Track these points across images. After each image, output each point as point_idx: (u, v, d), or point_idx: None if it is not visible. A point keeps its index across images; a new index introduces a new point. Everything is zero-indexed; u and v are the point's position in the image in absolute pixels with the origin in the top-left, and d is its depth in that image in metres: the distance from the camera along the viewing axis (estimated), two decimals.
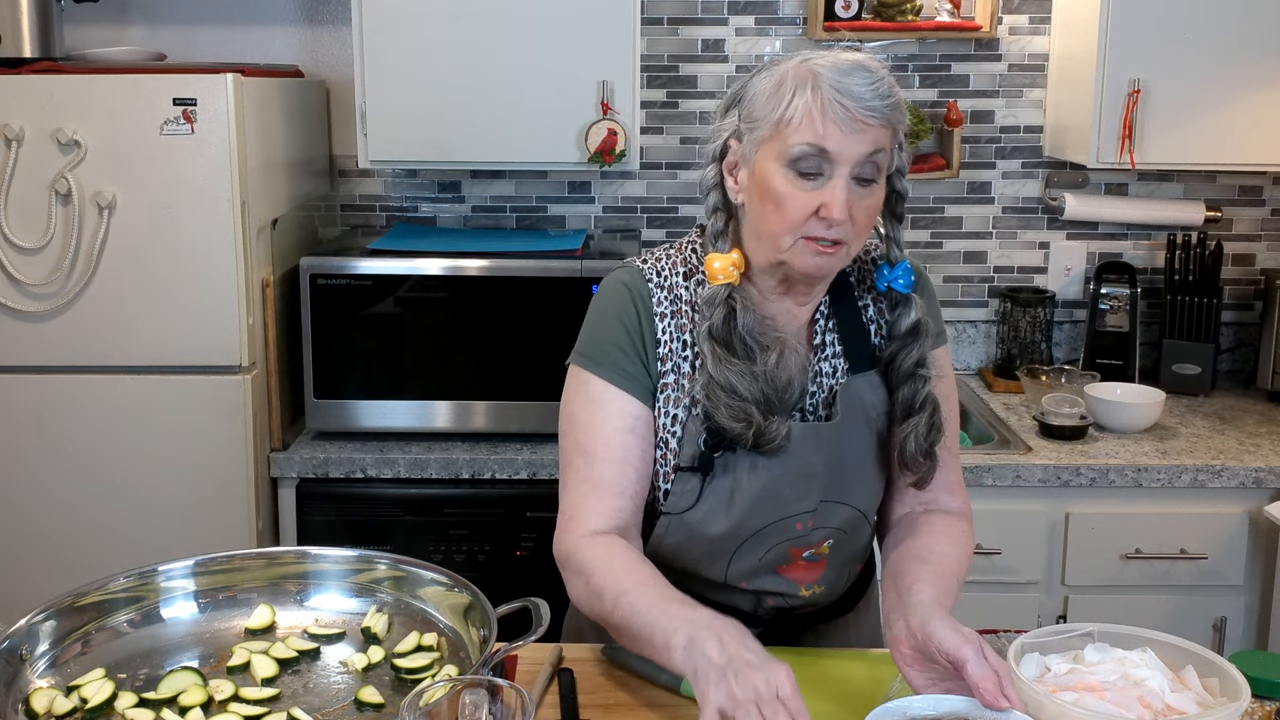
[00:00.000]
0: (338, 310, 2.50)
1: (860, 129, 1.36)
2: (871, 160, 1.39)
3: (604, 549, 1.42)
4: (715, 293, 1.46)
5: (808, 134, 1.36)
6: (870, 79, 1.36)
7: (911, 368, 1.50)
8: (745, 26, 2.98)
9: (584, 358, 1.52)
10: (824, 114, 1.35)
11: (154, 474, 2.43)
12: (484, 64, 2.59)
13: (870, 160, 1.39)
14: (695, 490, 1.49)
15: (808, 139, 1.36)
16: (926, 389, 1.50)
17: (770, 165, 1.40)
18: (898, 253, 1.53)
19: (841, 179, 1.37)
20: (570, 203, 3.06)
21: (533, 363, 2.51)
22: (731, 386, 1.43)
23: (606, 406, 1.49)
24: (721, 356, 1.43)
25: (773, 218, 1.41)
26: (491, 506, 2.49)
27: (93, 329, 2.39)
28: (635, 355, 1.50)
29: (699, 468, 1.49)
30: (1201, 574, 2.46)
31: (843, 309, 1.56)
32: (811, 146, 1.36)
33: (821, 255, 1.41)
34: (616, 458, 1.47)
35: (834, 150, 1.36)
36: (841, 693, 1.42)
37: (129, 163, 2.33)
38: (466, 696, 1.12)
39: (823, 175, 1.38)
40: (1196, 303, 2.90)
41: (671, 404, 1.50)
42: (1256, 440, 2.58)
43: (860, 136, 1.36)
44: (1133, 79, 2.60)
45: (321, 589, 1.52)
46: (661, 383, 1.50)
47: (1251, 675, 1.25)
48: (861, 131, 1.36)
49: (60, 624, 1.38)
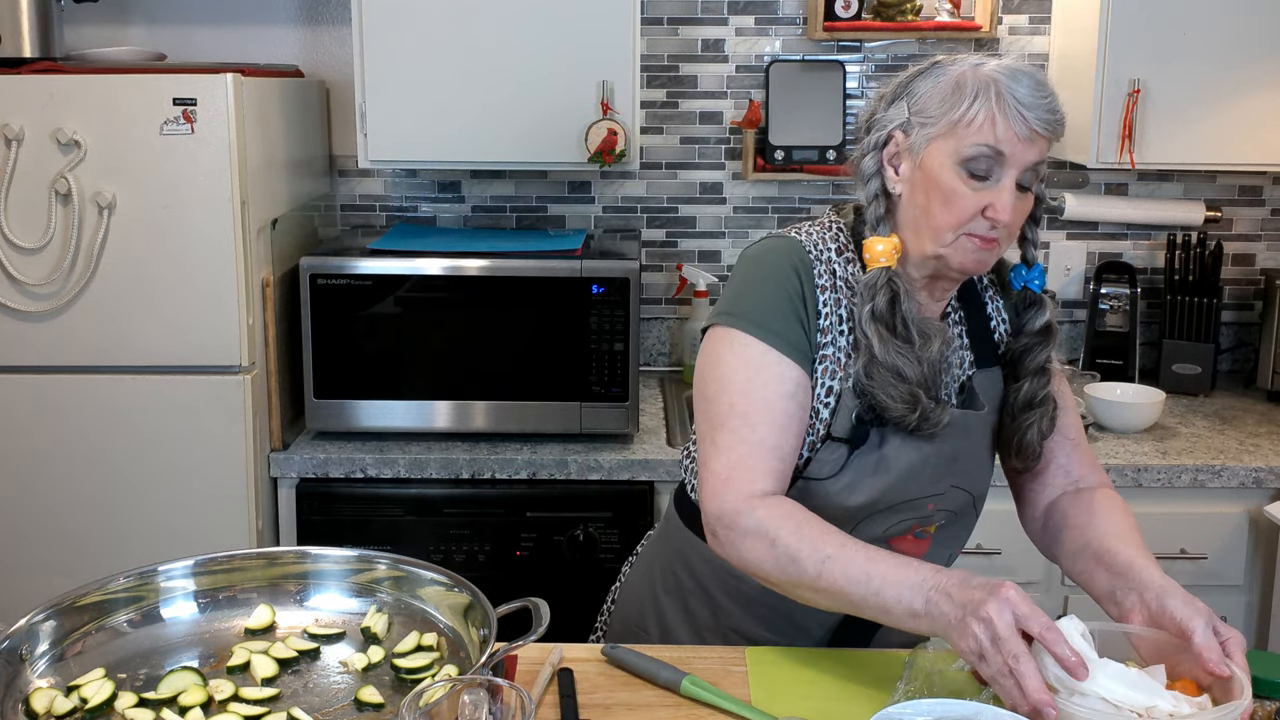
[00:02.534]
0: (338, 310, 2.50)
1: (1034, 138, 1.43)
2: (1034, 168, 1.46)
3: (783, 511, 1.40)
4: (876, 276, 1.49)
5: (987, 136, 1.42)
6: (1045, 93, 1.44)
7: (1040, 365, 1.58)
8: (745, 26, 2.98)
9: (743, 320, 1.49)
10: (1005, 121, 1.41)
11: (154, 474, 2.44)
12: (484, 64, 2.59)
13: (1034, 168, 1.45)
14: (841, 460, 1.50)
15: (986, 140, 1.42)
16: (1049, 386, 1.58)
17: (942, 161, 1.45)
18: (1034, 254, 1.60)
19: (1010, 182, 1.43)
20: (570, 203, 3.06)
21: (533, 363, 2.51)
22: (897, 370, 1.46)
23: (768, 370, 1.47)
24: (887, 339, 1.47)
25: (940, 212, 1.46)
26: (491, 506, 2.49)
27: (93, 329, 2.39)
28: (798, 323, 1.50)
29: (850, 439, 1.50)
30: (1201, 574, 2.46)
31: (970, 306, 1.63)
32: (989, 149, 1.42)
33: (980, 252, 1.47)
34: (778, 423, 1.46)
35: (1009, 154, 1.42)
36: (845, 694, 1.42)
37: (129, 163, 2.33)
38: (466, 696, 1.12)
39: (990, 178, 1.44)
40: (1196, 303, 2.90)
41: (828, 376, 1.51)
42: (1256, 440, 2.58)
43: (1032, 145, 1.43)
44: (1133, 79, 2.60)
45: (321, 589, 1.52)
46: (821, 354, 1.51)
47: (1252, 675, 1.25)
48: (1034, 141, 1.43)
49: (60, 624, 1.38)
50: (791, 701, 1.39)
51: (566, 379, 2.52)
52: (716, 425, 1.47)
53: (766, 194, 3.05)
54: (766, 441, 1.45)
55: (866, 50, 3.00)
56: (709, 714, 1.37)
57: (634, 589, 1.78)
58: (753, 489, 1.43)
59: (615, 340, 2.50)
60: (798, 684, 1.44)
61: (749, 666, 1.48)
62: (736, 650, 1.52)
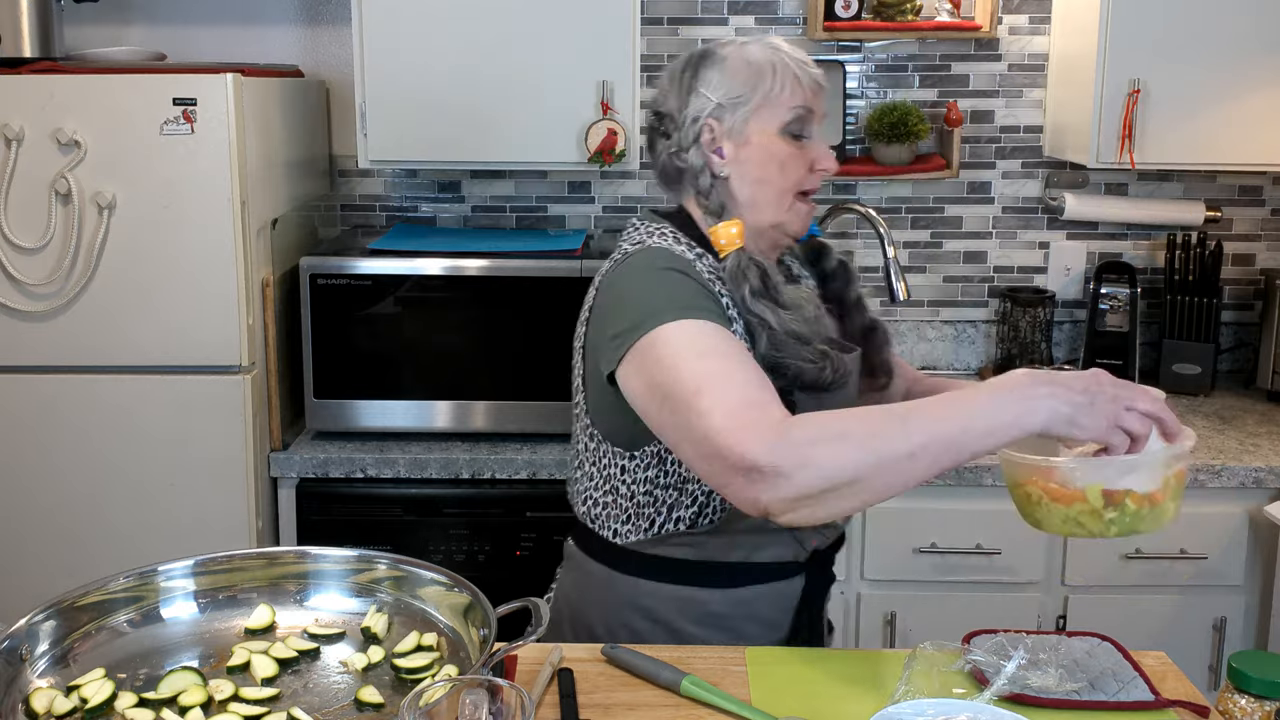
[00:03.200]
0: (338, 310, 2.50)
1: (820, 91, 1.58)
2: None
3: (822, 414, 1.30)
4: (739, 259, 1.52)
5: (799, 99, 1.54)
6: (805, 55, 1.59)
7: (857, 297, 1.71)
8: (745, 26, 2.98)
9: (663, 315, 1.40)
10: (802, 84, 1.55)
11: (154, 474, 2.44)
12: (484, 64, 2.59)
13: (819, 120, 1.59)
14: None
15: (800, 102, 1.54)
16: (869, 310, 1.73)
17: (767, 130, 1.55)
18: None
19: (819, 136, 1.58)
20: (570, 203, 3.06)
21: (533, 363, 2.51)
22: (798, 335, 1.49)
23: (717, 334, 1.39)
24: (777, 311, 1.49)
25: (778, 177, 1.55)
26: (491, 506, 2.49)
27: (93, 329, 2.39)
28: (718, 304, 1.48)
29: None
30: (1201, 574, 2.46)
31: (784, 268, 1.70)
32: (804, 109, 1.55)
33: (808, 212, 1.59)
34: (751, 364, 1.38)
35: (815, 110, 1.57)
36: (845, 694, 1.42)
37: (129, 163, 2.33)
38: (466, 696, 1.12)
39: (805, 136, 1.57)
40: (1196, 303, 2.91)
41: None
42: (1256, 440, 2.58)
43: (820, 98, 1.58)
44: (1133, 79, 2.60)
45: (321, 589, 1.52)
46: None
47: (1252, 675, 1.25)
48: (820, 93, 1.58)
49: (60, 624, 1.38)
50: (791, 701, 1.39)
51: (567, 379, 2.50)
52: (692, 395, 1.32)
53: None
54: (753, 378, 1.35)
55: (866, 50, 3.00)
56: (709, 714, 1.37)
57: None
58: (775, 415, 1.30)
59: None
60: (798, 684, 1.44)
61: (749, 666, 1.48)
62: (736, 650, 1.52)
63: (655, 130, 1.62)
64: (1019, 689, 1.38)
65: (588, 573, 1.63)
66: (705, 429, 1.30)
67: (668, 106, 1.59)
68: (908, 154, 2.91)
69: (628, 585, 1.59)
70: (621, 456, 1.55)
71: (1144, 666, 1.48)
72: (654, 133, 1.62)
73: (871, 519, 2.45)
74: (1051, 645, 1.50)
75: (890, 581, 2.48)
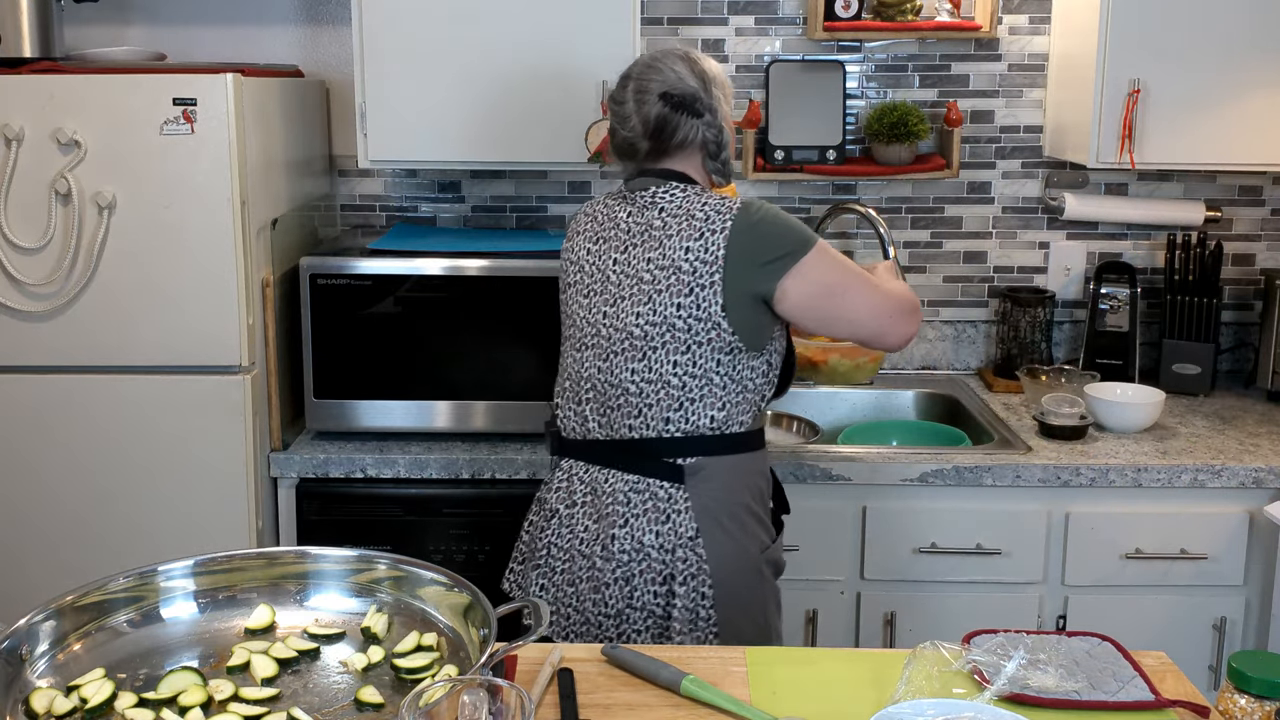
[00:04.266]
0: (338, 310, 2.50)
1: None
2: None
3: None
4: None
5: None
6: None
7: None
8: (745, 26, 2.98)
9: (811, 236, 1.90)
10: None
11: (154, 474, 2.44)
12: (484, 64, 2.59)
13: None
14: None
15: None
16: None
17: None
18: None
19: None
20: (570, 203, 3.06)
21: (533, 363, 2.51)
22: None
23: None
24: None
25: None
26: (491, 506, 2.49)
27: (93, 329, 2.39)
28: None
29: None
30: (1201, 574, 2.46)
31: None
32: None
33: None
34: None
35: None
36: (845, 694, 1.42)
37: (129, 163, 2.33)
38: (466, 696, 1.12)
39: None
40: (1196, 303, 2.91)
41: None
42: (1256, 440, 2.58)
43: None
44: (1133, 79, 2.60)
45: (321, 589, 1.52)
46: None
47: (1252, 675, 1.25)
48: None
49: (60, 624, 1.38)
50: (791, 701, 1.39)
51: None
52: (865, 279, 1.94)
53: (766, 194, 3.05)
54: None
55: (866, 50, 3.00)
56: (709, 714, 1.37)
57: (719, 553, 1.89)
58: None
59: None
60: (798, 684, 1.44)
61: (749, 666, 1.48)
62: (736, 650, 1.53)
63: (682, 108, 1.92)
64: (1019, 689, 1.38)
65: (722, 469, 1.91)
66: (887, 291, 1.95)
67: (688, 89, 1.93)
68: (908, 154, 2.91)
69: (754, 460, 1.95)
70: (753, 358, 1.90)
71: (1144, 666, 1.49)
72: (681, 111, 1.92)
73: (871, 519, 2.45)
74: (1051, 645, 1.50)
75: (890, 581, 2.48)
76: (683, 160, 1.96)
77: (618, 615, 1.88)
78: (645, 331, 1.87)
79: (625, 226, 1.94)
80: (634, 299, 1.88)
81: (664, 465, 1.88)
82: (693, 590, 1.86)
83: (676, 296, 1.85)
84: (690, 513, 1.87)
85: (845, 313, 1.91)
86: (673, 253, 1.86)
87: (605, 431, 1.93)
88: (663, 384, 1.87)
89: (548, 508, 2.00)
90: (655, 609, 1.87)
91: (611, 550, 1.88)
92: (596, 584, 1.90)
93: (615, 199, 2.00)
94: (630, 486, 1.90)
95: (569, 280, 2.02)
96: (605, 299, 1.93)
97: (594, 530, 1.91)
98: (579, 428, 1.97)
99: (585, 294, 1.96)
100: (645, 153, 1.95)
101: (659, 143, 1.94)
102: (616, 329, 1.90)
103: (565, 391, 2.00)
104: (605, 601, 1.89)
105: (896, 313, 1.94)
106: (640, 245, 1.90)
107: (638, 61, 2.00)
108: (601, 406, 1.93)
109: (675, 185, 1.92)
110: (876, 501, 2.45)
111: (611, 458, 1.92)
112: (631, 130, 1.94)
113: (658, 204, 1.91)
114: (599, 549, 1.90)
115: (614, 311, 1.91)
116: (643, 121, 1.93)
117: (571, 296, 2.00)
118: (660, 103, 1.92)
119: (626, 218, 1.95)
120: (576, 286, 1.99)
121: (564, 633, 1.93)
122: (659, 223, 1.90)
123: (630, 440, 1.90)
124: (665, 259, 1.86)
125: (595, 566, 1.90)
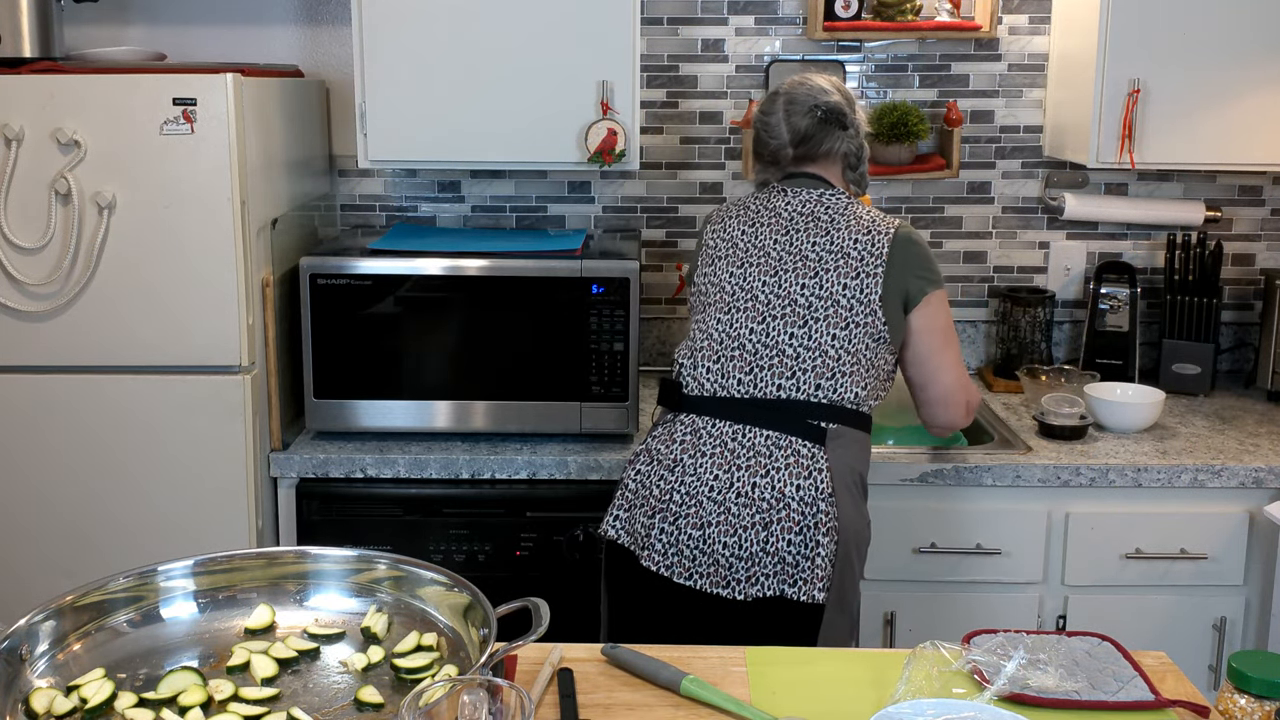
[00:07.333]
0: (338, 310, 2.50)
1: None
2: None
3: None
4: None
5: None
6: None
7: None
8: (745, 26, 2.98)
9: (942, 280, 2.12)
10: None
11: (154, 474, 2.44)
12: (483, 64, 2.59)
13: None
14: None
15: None
16: None
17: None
18: None
19: None
20: (570, 203, 3.06)
21: (533, 363, 2.51)
22: None
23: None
24: None
25: None
26: (491, 506, 2.49)
27: (92, 329, 2.39)
28: None
29: None
30: (1201, 574, 2.46)
31: None
32: None
33: None
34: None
35: None
36: (845, 694, 1.42)
37: (129, 163, 2.33)
38: (466, 696, 1.12)
39: None
40: (1196, 303, 2.91)
41: None
42: (1256, 440, 2.58)
43: None
44: (1133, 79, 2.61)
45: (321, 589, 1.52)
46: None
47: (1251, 675, 1.25)
48: None
49: (60, 624, 1.38)
50: (791, 701, 1.39)
51: (566, 379, 2.52)
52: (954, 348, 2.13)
53: None
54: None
55: (866, 50, 3.00)
56: (709, 714, 1.37)
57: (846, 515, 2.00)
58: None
59: (615, 340, 2.50)
60: (798, 684, 1.44)
61: (749, 666, 1.48)
62: (736, 650, 1.53)
63: (831, 121, 2.12)
64: (1019, 689, 1.38)
65: (853, 440, 2.05)
66: (960, 376, 2.14)
67: (834, 103, 2.13)
68: (908, 154, 2.91)
69: (869, 443, 2.11)
70: (890, 352, 2.08)
71: (1144, 666, 1.49)
72: (830, 122, 2.12)
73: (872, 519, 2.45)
74: (1051, 645, 1.50)
75: (890, 581, 2.48)
76: (825, 168, 2.15)
77: (749, 559, 1.96)
78: (810, 302, 2.04)
79: (786, 215, 2.11)
80: (798, 272, 2.05)
81: (808, 426, 2.01)
82: (831, 543, 1.96)
83: (844, 277, 2.03)
84: (828, 473, 1.98)
85: (940, 361, 2.11)
86: (841, 241, 2.05)
87: (746, 389, 2.04)
88: (820, 352, 2.02)
89: (667, 457, 2.06)
90: (787, 555, 1.95)
91: (752, 497, 1.97)
92: (733, 527, 1.97)
93: (766, 192, 2.17)
94: (773, 442, 2.00)
95: (717, 254, 2.15)
96: (764, 270, 2.08)
97: (724, 479, 1.99)
98: (712, 384, 2.07)
99: (739, 265, 2.11)
100: (790, 160, 2.15)
101: (804, 150, 2.14)
102: (778, 296, 2.05)
103: (700, 351, 2.11)
104: (741, 544, 1.97)
105: (966, 399, 2.14)
106: (804, 230, 2.08)
107: (788, 80, 2.19)
108: (749, 365, 2.05)
109: (836, 190, 2.12)
110: (876, 501, 2.44)
111: (751, 414, 2.03)
112: (778, 140, 2.15)
113: (823, 202, 2.10)
114: (732, 495, 1.98)
115: (774, 281, 2.06)
116: (791, 131, 2.13)
117: (721, 268, 2.13)
118: (810, 115, 2.12)
119: (786, 206, 2.12)
120: (729, 259, 2.13)
121: (688, 574, 2.00)
122: (825, 216, 2.09)
123: (777, 399, 2.03)
124: (834, 245, 2.06)
125: (730, 512, 1.98)
